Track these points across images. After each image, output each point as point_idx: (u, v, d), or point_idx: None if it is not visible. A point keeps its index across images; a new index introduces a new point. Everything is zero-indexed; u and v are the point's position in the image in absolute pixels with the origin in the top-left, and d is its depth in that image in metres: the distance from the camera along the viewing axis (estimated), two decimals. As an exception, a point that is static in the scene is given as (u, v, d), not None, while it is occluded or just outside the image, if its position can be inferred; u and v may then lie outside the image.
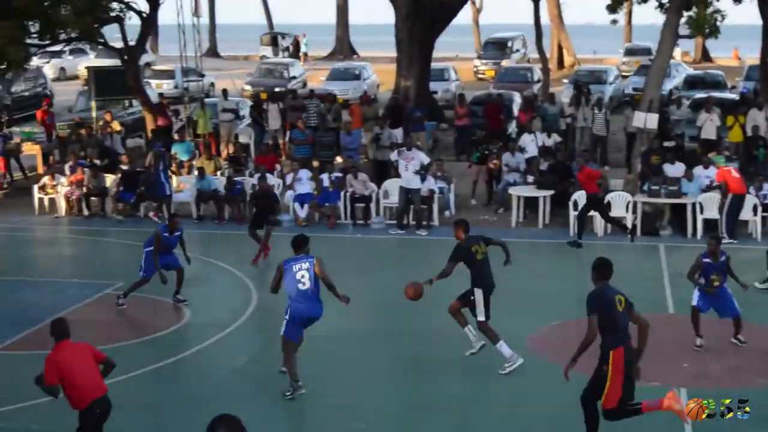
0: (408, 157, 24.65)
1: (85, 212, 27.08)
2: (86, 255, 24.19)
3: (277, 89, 40.03)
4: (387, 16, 43.13)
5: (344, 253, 23.18)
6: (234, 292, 20.02)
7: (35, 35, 31.64)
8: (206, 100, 35.56)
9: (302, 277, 14.23)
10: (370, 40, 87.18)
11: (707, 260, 16.18)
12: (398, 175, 25.36)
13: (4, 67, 30.55)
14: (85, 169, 27.68)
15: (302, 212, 25.65)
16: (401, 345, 16.56)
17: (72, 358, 11.42)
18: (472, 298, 15.38)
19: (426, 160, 25.09)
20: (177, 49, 36.54)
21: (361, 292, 19.64)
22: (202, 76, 38.92)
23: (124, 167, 27.89)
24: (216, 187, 26.35)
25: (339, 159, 30.15)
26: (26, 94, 43.80)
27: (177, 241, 18.86)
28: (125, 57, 33.59)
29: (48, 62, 53.81)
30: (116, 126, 33.07)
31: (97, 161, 29.30)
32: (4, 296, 19.88)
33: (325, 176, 26.45)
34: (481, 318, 15.36)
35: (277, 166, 28.97)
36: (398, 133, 30.12)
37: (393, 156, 25.51)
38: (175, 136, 31.38)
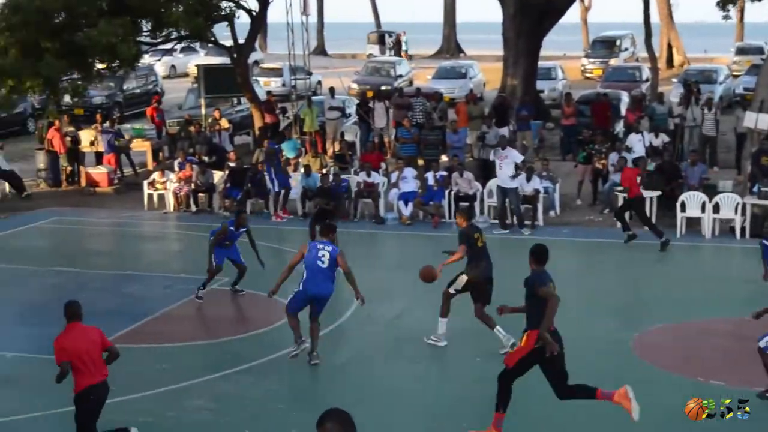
0: (502, 155, 24.63)
1: (193, 208, 27.43)
2: (193, 250, 24.44)
3: (383, 87, 40.20)
4: (494, 14, 43.01)
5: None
6: (337, 290, 20.05)
7: (147, 33, 32.17)
8: (313, 98, 35.79)
9: (323, 256, 15.31)
10: (477, 38, 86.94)
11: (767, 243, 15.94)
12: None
13: (116, 64, 31.11)
14: (194, 166, 28.06)
15: (406, 210, 25.68)
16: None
17: (77, 340, 11.68)
18: (461, 274, 16.07)
19: (519, 158, 24.95)
20: (285, 47, 36.84)
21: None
22: (310, 74, 39.18)
23: (232, 164, 28.20)
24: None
25: (444, 157, 30.13)
26: (137, 91, 44.68)
27: (239, 237, 19.25)
28: (234, 55, 33.99)
29: (159, 60, 54.71)
30: (224, 123, 33.48)
31: (206, 158, 29.68)
32: (114, 290, 20.23)
33: (430, 175, 26.44)
34: (452, 291, 16.14)
35: (383, 164, 29.10)
36: (504, 132, 30.00)
37: (491, 155, 25.47)
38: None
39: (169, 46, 36.70)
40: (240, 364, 15.71)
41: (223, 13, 32.69)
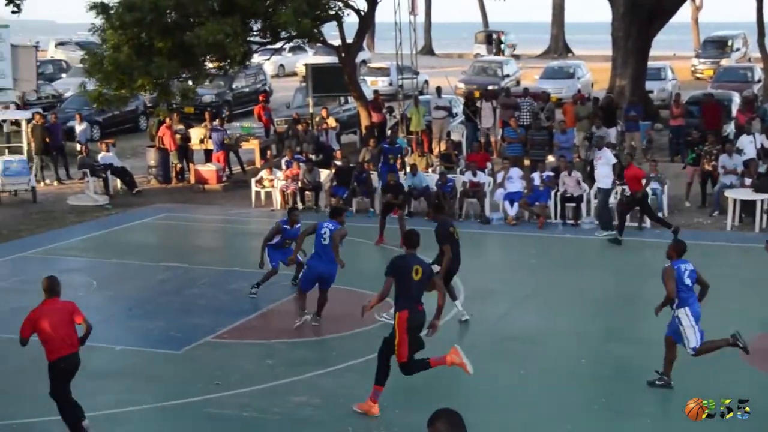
0: (597, 156, 24.57)
1: (300, 206, 27.59)
2: (299, 248, 24.68)
3: (490, 87, 40.08)
4: (603, 14, 42.65)
5: (551, 253, 23.01)
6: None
7: (257, 33, 32.49)
8: (420, 97, 35.85)
9: (325, 233, 16.95)
10: (586, 38, 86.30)
11: None
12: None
13: (226, 63, 31.50)
14: (301, 164, 28.28)
15: (512, 211, 25.58)
16: (606, 347, 16.34)
17: (47, 315, 12.38)
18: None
19: (612, 160, 24.72)
20: (393, 47, 36.91)
21: (565, 292, 19.55)
22: (417, 73, 39.22)
23: (338, 163, 28.38)
24: (427, 184, 26.49)
25: (551, 158, 29.95)
26: (246, 90, 45.20)
27: (297, 234, 19.24)
28: (342, 54, 34.16)
29: (268, 59, 55.31)
30: (332, 122, 33.71)
31: (313, 156, 29.90)
32: (220, 286, 20.46)
33: (536, 175, 26.31)
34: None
35: (489, 164, 29.02)
36: (612, 133, 29.72)
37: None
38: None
39: (278, 45, 37.04)
40: (345, 361, 15.78)
41: (331, 12, 32.88)
